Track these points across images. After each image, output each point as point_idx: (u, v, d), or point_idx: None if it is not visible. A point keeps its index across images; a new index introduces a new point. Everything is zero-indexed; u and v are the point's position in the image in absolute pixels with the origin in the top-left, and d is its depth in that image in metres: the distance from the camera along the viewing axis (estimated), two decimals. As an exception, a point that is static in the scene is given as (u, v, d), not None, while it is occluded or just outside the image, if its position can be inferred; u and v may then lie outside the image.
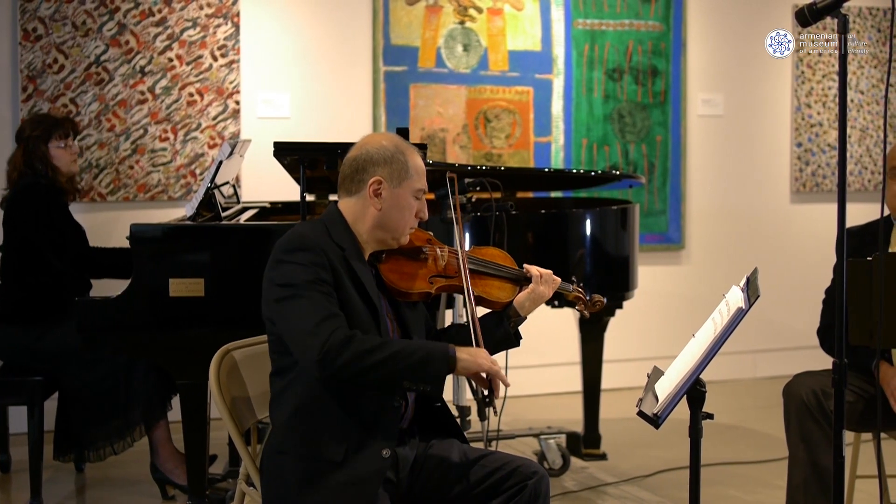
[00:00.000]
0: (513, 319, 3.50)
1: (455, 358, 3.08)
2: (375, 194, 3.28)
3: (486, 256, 3.58)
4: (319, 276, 3.13)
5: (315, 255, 3.15)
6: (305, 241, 3.18)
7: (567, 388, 7.40)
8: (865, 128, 8.46)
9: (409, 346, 3.11)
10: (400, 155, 3.31)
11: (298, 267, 3.13)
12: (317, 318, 3.06)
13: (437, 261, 3.46)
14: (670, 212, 7.93)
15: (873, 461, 4.12)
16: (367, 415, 3.16)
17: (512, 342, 3.50)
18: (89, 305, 4.50)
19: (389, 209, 3.29)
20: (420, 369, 3.07)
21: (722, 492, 5.48)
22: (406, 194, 3.30)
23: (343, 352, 3.01)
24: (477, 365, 3.10)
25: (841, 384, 3.11)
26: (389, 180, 3.28)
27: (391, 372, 3.06)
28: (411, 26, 7.23)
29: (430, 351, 3.10)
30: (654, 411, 2.96)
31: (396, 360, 3.04)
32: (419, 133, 7.22)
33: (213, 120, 6.78)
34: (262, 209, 5.85)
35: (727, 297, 3.14)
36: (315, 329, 3.04)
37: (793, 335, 8.19)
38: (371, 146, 3.32)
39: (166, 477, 5.22)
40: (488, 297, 3.49)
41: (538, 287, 3.50)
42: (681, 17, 7.85)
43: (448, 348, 3.09)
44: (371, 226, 3.30)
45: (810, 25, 3.15)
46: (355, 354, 3.02)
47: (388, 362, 3.04)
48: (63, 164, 5.42)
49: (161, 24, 6.66)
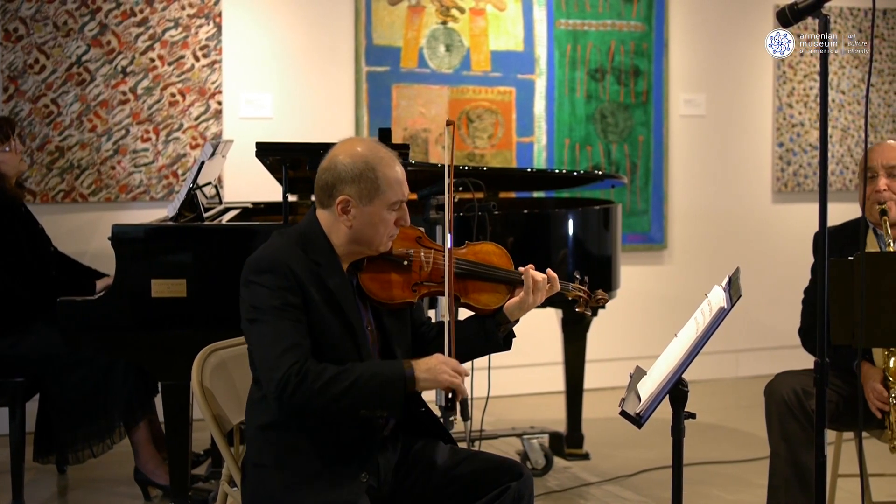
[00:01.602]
0: (502, 325, 3.41)
1: (413, 378, 3.05)
2: (344, 212, 3.19)
3: (480, 255, 3.47)
4: (286, 301, 3.08)
5: (282, 278, 3.10)
6: (273, 262, 3.12)
7: (550, 388, 7.41)
8: (847, 128, 8.49)
9: (366, 372, 3.05)
10: (370, 171, 3.18)
11: (265, 290, 3.09)
12: (277, 351, 3.03)
13: (421, 267, 3.37)
14: (652, 212, 7.94)
15: (855, 460, 4.14)
16: (342, 435, 3.13)
17: (500, 347, 3.43)
18: (72, 306, 4.49)
19: (361, 227, 3.20)
20: (378, 396, 3.04)
21: (704, 491, 5.49)
22: (378, 211, 3.20)
23: (300, 387, 2.99)
24: (436, 382, 3.07)
25: (823, 383, 3.12)
26: (358, 199, 3.18)
27: (349, 403, 3.03)
28: (394, 26, 7.23)
29: (388, 376, 3.05)
30: (636, 411, 2.97)
31: (354, 390, 3.01)
32: (402, 133, 7.22)
33: (196, 120, 6.77)
34: (244, 210, 5.84)
35: (709, 296, 3.15)
36: (275, 362, 3.02)
37: (775, 335, 8.21)
38: (340, 161, 3.21)
39: (147, 478, 5.21)
40: (476, 305, 3.40)
41: (528, 297, 3.38)
42: (663, 17, 7.87)
43: (405, 370, 3.05)
44: (344, 241, 3.23)
45: (791, 26, 3.16)
46: (312, 390, 2.99)
47: (345, 394, 3.01)
48: (9, 168, 5.30)
49: (143, 25, 6.65)
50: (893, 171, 4.35)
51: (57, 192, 6.50)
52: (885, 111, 8.56)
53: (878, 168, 4.35)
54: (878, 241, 4.40)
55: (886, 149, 4.41)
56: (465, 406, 3.22)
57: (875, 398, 4.15)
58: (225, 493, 3.54)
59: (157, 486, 5.21)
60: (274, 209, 5.94)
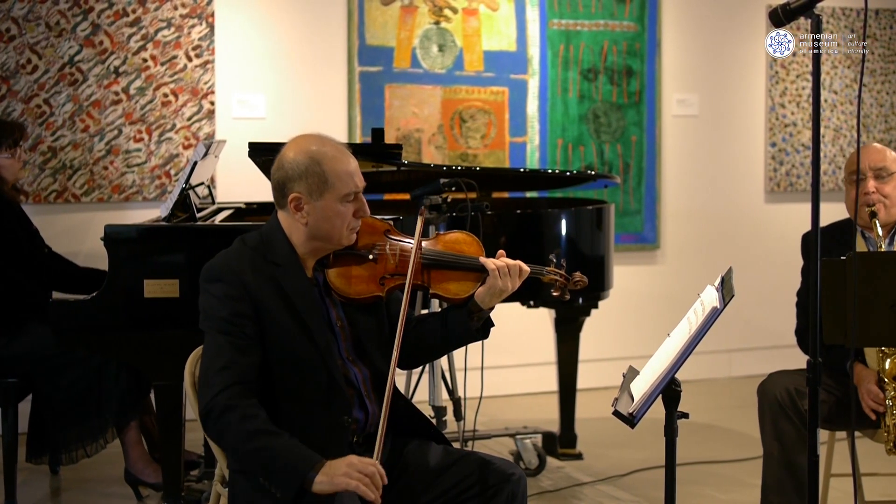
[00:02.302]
0: (475, 314, 3.35)
1: (311, 481, 2.90)
2: (297, 209, 3.19)
3: (449, 244, 3.43)
4: (234, 310, 3.08)
5: (231, 287, 3.10)
6: (224, 270, 3.13)
7: (543, 388, 7.41)
8: (839, 128, 8.50)
9: (282, 450, 2.95)
10: (315, 166, 3.17)
11: (214, 300, 3.11)
12: (214, 367, 3.03)
13: (387, 260, 3.34)
14: (645, 212, 7.95)
15: (847, 460, 4.14)
16: (311, 438, 3.06)
17: (474, 337, 3.38)
18: (65, 306, 4.48)
19: (316, 222, 3.20)
20: (276, 477, 2.95)
21: (697, 491, 5.49)
22: (331, 204, 3.19)
23: (221, 418, 2.98)
24: (333, 486, 2.90)
25: (815, 383, 3.13)
26: (308, 195, 3.17)
27: (253, 464, 3.00)
28: (386, 26, 7.23)
29: (292, 466, 2.92)
30: (629, 411, 2.97)
31: (262, 455, 2.95)
32: (394, 133, 7.22)
33: (188, 120, 6.76)
34: (237, 210, 5.84)
35: (702, 296, 3.16)
36: (209, 379, 3.02)
37: (767, 334, 8.22)
38: (287, 157, 3.21)
39: (137, 478, 5.20)
40: (445, 294, 3.35)
41: (496, 282, 3.30)
42: (655, 17, 7.87)
43: (311, 469, 2.91)
44: (304, 239, 3.23)
45: (784, 26, 3.16)
46: (227, 430, 2.97)
47: (253, 457, 2.97)
48: (10, 173, 5.32)
49: (135, 25, 6.64)
50: (881, 172, 4.37)
51: (49, 193, 6.49)
52: (877, 111, 8.57)
53: (865, 170, 4.36)
54: (867, 244, 4.41)
55: (872, 151, 4.43)
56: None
57: (870, 399, 4.15)
58: (218, 493, 3.53)
59: (148, 485, 5.21)
60: (266, 209, 5.92)
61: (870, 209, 4.32)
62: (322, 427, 3.15)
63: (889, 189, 4.36)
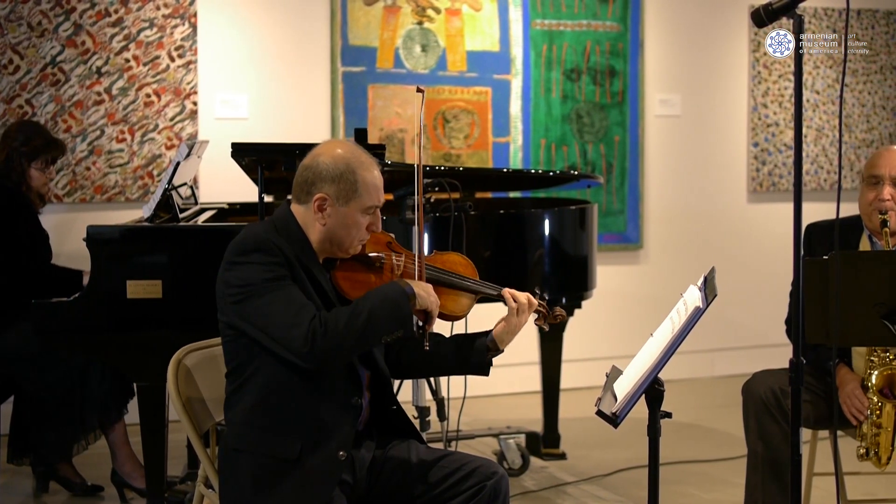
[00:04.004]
0: (491, 351, 3.42)
1: (413, 294, 3.15)
2: (320, 210, 3.23)
3: (447, 264, 3.50)
4: (278, 274, 3.12)
5: (271, 255, 3.13)
6: (260, 241, 3.15)
7: (526, 387, 7.41)
8: (821, 127, 8.52)
9: (375, 300, 3.13)
10: (350, 174, 3.23)
11: (256, 267, 3.12)
12: (292, 310, 3.06)
13: (393, 269, 3.40)
14: (628, 211, 7.96)
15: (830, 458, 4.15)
16: (323, 414, 3.15)
17: (485, 371, 3.44)
18: (47, 308, 4.47)
19: (334, 227, 3.24)
20: (392, 318, 3.11)
21: (681, 490, 5.50)
22: (353, 213, 3.24)
23: (327, 334, 3.03)
24: (430, 302, 3.20)
25: (798, 383, 3.14)
26: (336, 198, 3.22)
27: (372, 332, 3.10)
28: (369, 27, 7.22)
29: (394, 297, 3.13)
30: (612, 410, 2.97)
31: (373, 319, 3.08)
32: (377, 134, 7.21)
33: (171, 121, 6.75)
34: (220, 210, 5.83)
35: (685, 296, 3.16)
36: (293, 320, 3.05)
37: (750, 334, 8.24)
38: (322, 159, 3.26)
39: (124, 480, 5.19)
40: (443, 311, 3.39)
41: (513, 318, 3.39)
42: (638, 17, 7.88)
43: (402, 289, 3.15)
44: (318, 238, 3.27)
45: (766, 26, 3.17)
46: (338, 332, 3.04)
47: (367, 325, 3.08)
48: (37, 185, 5.44)
49: (117, 25, 6.63)
50: None
51: (31, 193, 6.47)
52: (859, 111, 8.60)
53: (885, 176, 4.27)
54: (872, 247, 4.37)
55: (895, 157, 4.33)
56: (433, 337, 3.33)
57: (852, 406, 4.16)
58: (201, 494, 3.52)
59: (134, 489, 5.19)
60: (249, 210, 5.93)
61: (882, 217, 4.23)
62: (335, 407, 3.19)
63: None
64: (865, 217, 4.37)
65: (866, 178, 4.35)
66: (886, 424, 4.12)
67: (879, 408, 4.13)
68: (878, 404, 4.13)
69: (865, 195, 4.35)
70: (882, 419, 4.13)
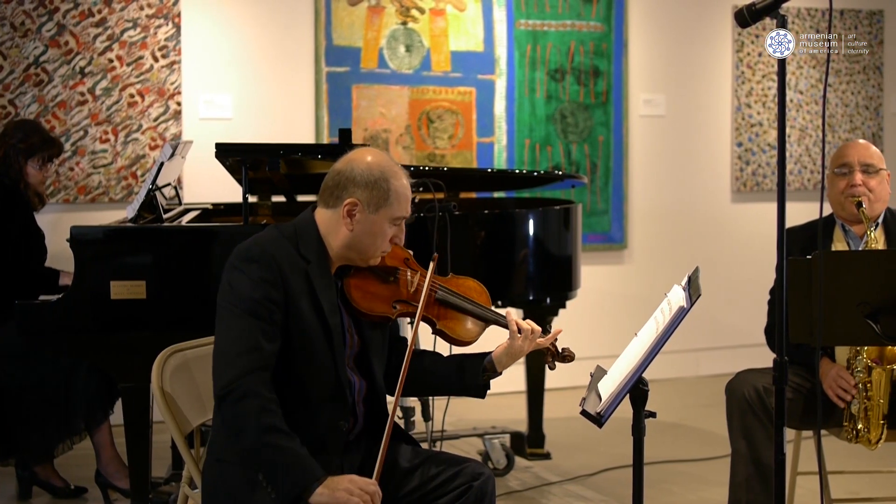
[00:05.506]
0: (488, 373, 3.44)
1: (313, 491, 2.93)
2: (349, 215, 3.21)
3: (461, 288, 3.49)
4: (267, 295, 3.08)
5: (267, 271, 3.10)
6: (262, 253, 3.13)
7: (511, 388, 7.40)
8: (805, 127, 8.55)
9: (297, 452, 2.98)
10: (384, 181, 3.21)
11: (248, 280, 3.09)
12: (238, 349, 3.03)
13: (406, 286, 3.39)
14: (613, 211, 7.97)
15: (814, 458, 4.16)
16: (308, 436, 3.10)
17: (479, 393, 3.46)
18: (31, 308, 4.46)
19: (361, 233, 3.22)
20: (282, 479, 2.96)
21: (665, 489, 5.51)
22: (382, 221, 3.23)
23: (240, 402, 2.97)
24: (334, 499, 2.93)
25: (781, 382, 3.14)
26: (367, 205, 3.20)
27: (257, 457, 3.00)
28: (353, 27, 7.22)
29: (300, 471, 2.96)
30: (597, 410, 2.97)
31: (269, 452, 2.97)
32: (362, 134, 7.21)
33: (155, 121, 6.74)
34: (204, 211, 5.81)
35: (669, 296, 3.16)
36: (232, 360, 3.02)
37: (734, 333, 8.25)
38: (357, 164, 3.24)
39: (108, 481, 5.18)
40: (450, 333, 3.42)
41: (514, 342, 3.42)
42: (622, 17, 7.90)
43: (315, 479, 2.95)
44: (341, 244, 3.24)
45: (749, 26, 3.18)
46: (242, 417, 2.98)
47: (262, 448, 2.97)
48: (35, 182, 5.45)
49: (101, 25, 6.61)
50: (869, 168, 4.37)
51: (15, 194, 6.45)
52: (842, 111, 8.63)
53: (854, 164, 4.37)
54: (846, 237, 4.43)
55: (861, 147, 4.44)
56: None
57: (837, 386, 4.16)
58: (186, 495, 3.52)
59: (118, 490, 5.18)
60: (234, 210, 5.92)
61: (856, 199, 4.31)
62: (321, 426, 3.18)
63: (874, 184, 4.36)
64: (838, 207, 4.45)
65: (835, 170, 4.45)
66: (876, 395, 4.13)
67: (867, 384, 4.14)
68: (866, 379, 4.13)
69: (836, 185, 4.43)
70: (871, 391, 4.13)
